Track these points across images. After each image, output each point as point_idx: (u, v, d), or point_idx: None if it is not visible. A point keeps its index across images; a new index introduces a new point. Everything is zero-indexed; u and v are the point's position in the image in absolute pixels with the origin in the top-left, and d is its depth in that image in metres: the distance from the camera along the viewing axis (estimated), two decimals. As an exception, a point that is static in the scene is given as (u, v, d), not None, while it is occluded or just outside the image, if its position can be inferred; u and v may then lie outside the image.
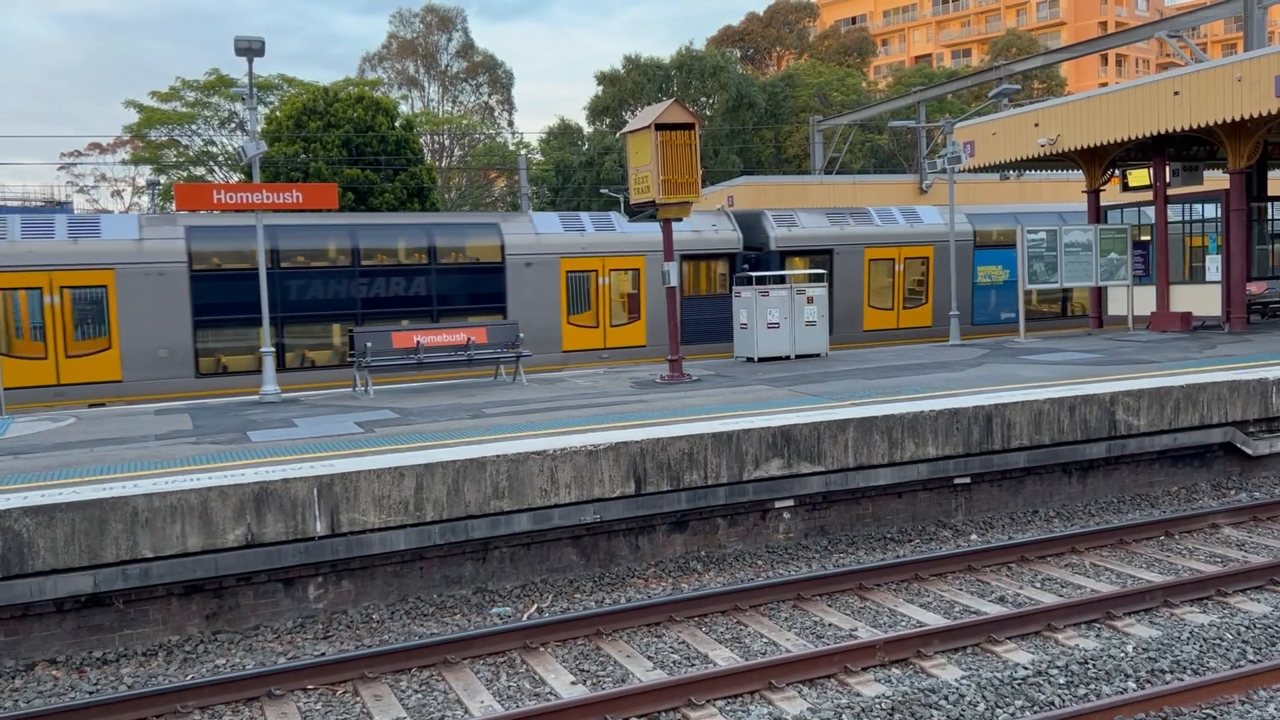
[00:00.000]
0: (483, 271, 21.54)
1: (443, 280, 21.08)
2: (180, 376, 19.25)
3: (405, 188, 38.70)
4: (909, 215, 26.27)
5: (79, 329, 18.77)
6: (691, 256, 23.66)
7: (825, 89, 63.57)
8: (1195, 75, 18.75)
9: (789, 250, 24.39)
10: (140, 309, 19.06)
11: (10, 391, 17.74)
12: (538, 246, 22.19)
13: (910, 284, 25.64)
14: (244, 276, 19.11)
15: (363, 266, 20.64)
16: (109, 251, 18.92)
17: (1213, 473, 13.85)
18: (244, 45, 15.77)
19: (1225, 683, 7.13)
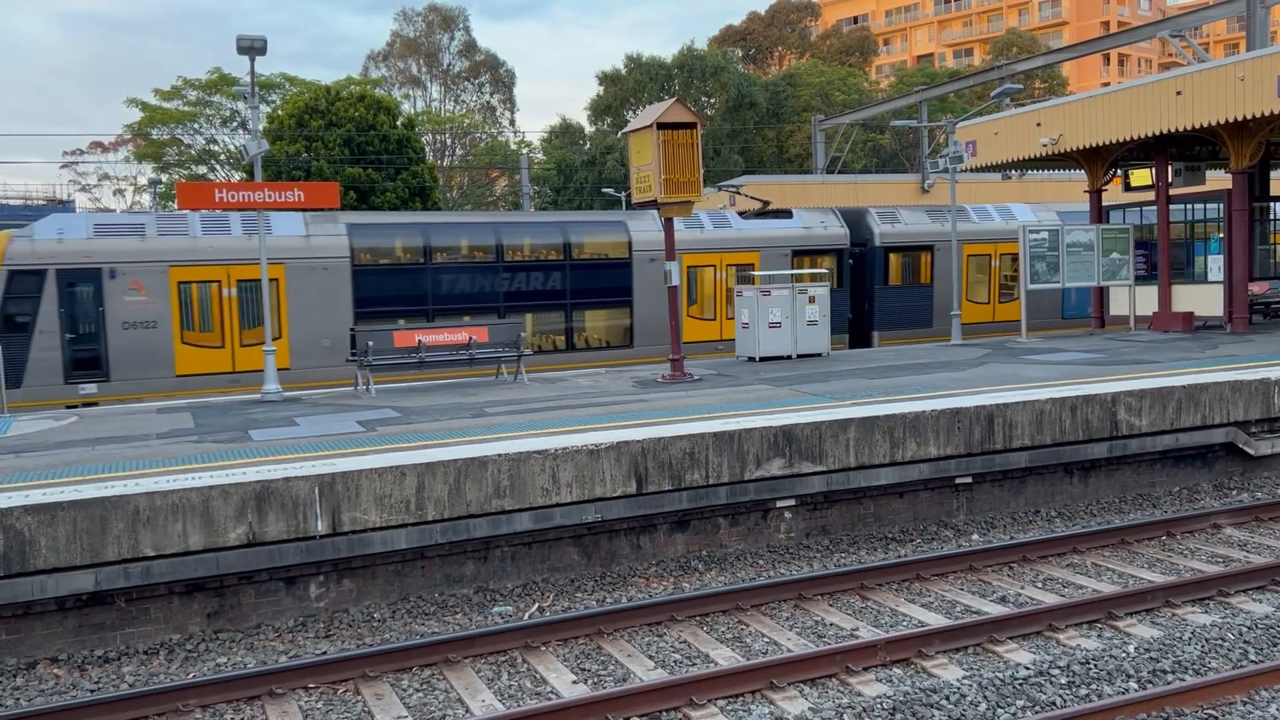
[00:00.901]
0: (611, 267, 22.55)
1: (576, 275, 22.20)
2: (340, 365, 20.19)
3: (407, 187, 38.72)
4: (1003, 213, 27.10)
5: (253, 320, 19.98)
6: (801, 252, 24.66)
7: (827, 88, 63.57)
8: (1197, 75, 18.73)
9: (891, 246, 25.37)
10: (306, 301, 20.35)
11: (190, 378, 19.38)
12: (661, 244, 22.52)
13: (1004, 279, 26.53)
14: (398, 271, 20.85)
15: (505, 262, 21.86)
16: (280, 247, 20.03)
17: (1215, 473, 13.83)
18: (246, 44, 15.77)
19: (1227, 683, 7.12)
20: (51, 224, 19.56)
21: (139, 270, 19.16)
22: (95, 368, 18.96)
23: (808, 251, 24.68)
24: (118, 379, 19.04)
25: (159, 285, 19.30)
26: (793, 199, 34.30)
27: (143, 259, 19.20)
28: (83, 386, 18.81)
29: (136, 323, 19.08)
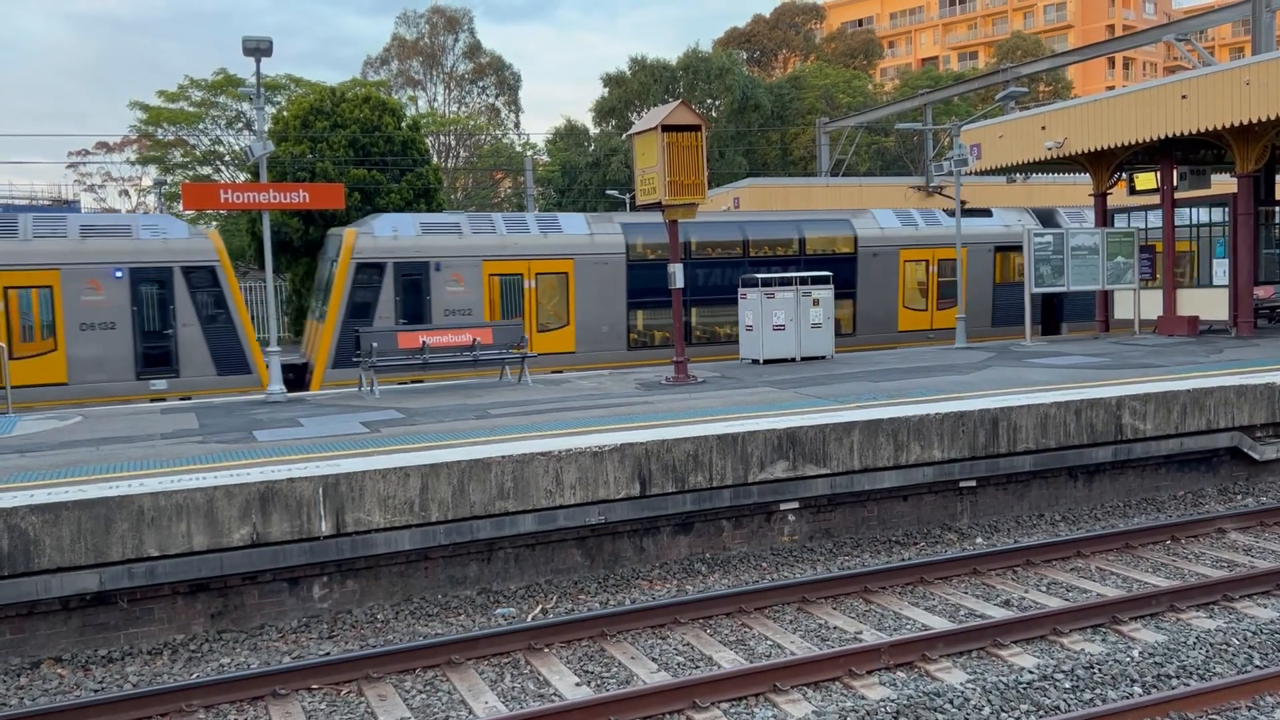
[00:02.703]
0: (840, 261, 24.39)
1: (809, 268, 23.58)
2: (615, 349, 22.72)
3: (411, 188, 38.74)
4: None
5: (550, 308, 22.46)
6: (1002, 248, 26.52)
7: (831, 91, 63.54)
8: (1203, 79, 18.71)
9: None
10: (590, 292, 22.62)
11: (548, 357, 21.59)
12: (882, 239, 25.19)
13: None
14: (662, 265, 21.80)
15: (750, 257, 24.14)
16: (568, 244, 22.46)
17: (1219, 477, 13.81)
18: (252, 45, 15.79)
19: (1232, 688, 7.11)
20: (386, 223, 21.79)
21: (458, 264, 21.53)
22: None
23: (1007, 248, 26.47)
24: None
25: (474, 277, 21.63)
26: (797, 202, 34.39)
27: (461, 254, 21.53)
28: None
29: (455, 310, 21.41)
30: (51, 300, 18.80)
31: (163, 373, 19.57)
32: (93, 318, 18.96)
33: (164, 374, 19.56)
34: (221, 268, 20.08)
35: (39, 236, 19.06)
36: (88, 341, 18.91)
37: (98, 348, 18.60)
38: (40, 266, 18.67)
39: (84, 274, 18.98)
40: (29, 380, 18.39)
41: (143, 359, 19.44)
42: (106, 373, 18.89)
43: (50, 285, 18.78)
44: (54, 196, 47.05)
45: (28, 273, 18.67)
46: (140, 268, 19.36)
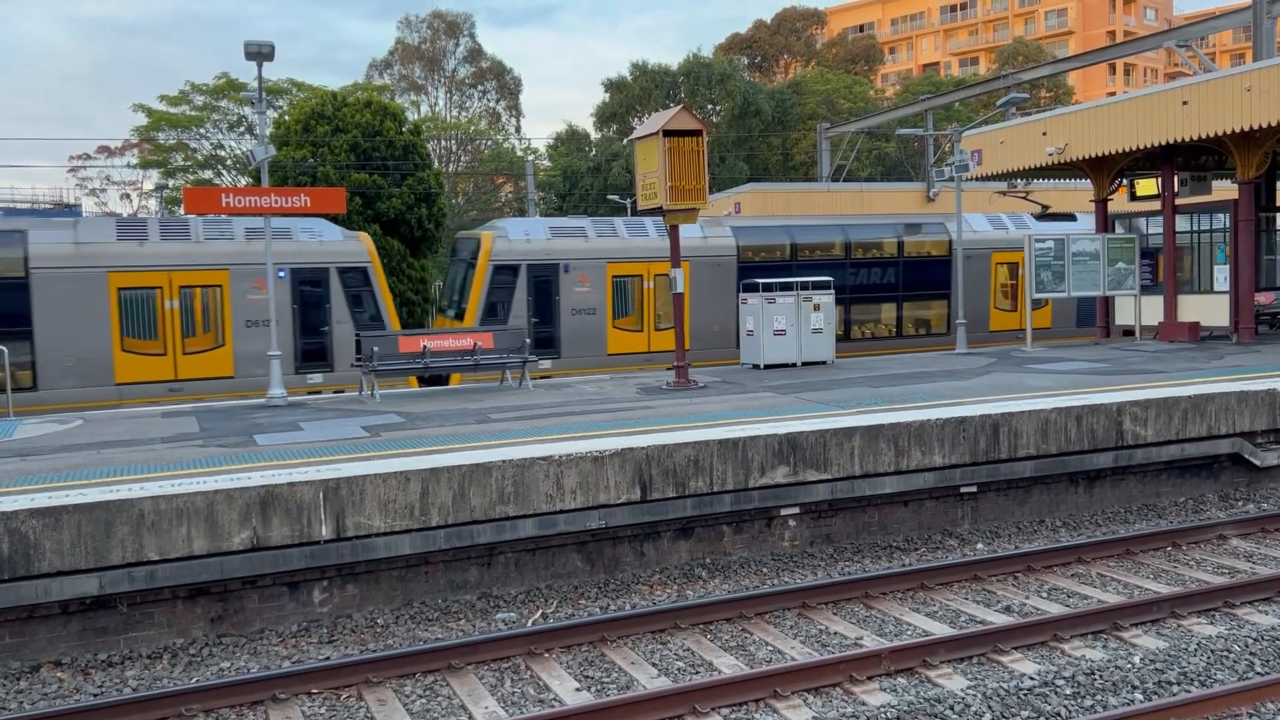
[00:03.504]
0: (935, 263, 25.39)
1: (908, 269, 25.03)
2: (725, 348, 23.49)
3: (412, 192, 38.76)
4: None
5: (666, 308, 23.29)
6: None
7: (832, 96, 63.61)
8: (1204, 85, 18.72)
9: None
10: (703, 292, 23.52)
11: (616, 356, 22.66)
12: (975, 242, 25.97)
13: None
14: (770, 266, 24.12)
15: (851, 259, 24.98)
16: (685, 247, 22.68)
17: (1220, 484, 13.80)
18: (254, 50, 15.82)
19: (1233, 695, 7.09)
20: (519, 227, 23.06)
21: (584, 265, 22.57)
22: (550, 346, 22.29)
23: None
24: (566, 355, 22.44)
25: (598, 278, 22.68)
26: (798, 207, 34.38)
27: (586, 256, 22.58)
28: (541, 363, 21.64)
29: (581, 309, 22.46)
30: (221, 298, 19.92)
31: (319, 367, 20.69)
32: (258, 315, 19.89)
33: (320, 369, 20.66)
34: (372, 268, 21.23)
35: (209, 238, 20.14)
36: (252, 337, 19.86)
37: (261, 344, 19.12)
38: (211, 266, 19.80)
39: (250, 274, 19.96)
40: (199, 374, 19.67)
41: (301, 354, 20.54)
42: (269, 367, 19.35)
43: (220, 284, 19.91)
44: (55, 200, 47.10)
45: (200, 272, 19.84)
46: (300, 268, 20.49)
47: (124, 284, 19.27)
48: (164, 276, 19.54)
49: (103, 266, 19.14)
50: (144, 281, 19.43)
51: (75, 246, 19.19)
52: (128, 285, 19.31)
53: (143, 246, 19.57)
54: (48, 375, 18.74)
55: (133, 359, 19.16)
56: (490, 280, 21.99)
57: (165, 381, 19.39)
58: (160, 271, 19.51)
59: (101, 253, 19.25)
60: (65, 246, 19.15)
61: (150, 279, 19.46)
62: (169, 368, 19.50)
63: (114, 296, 19.10)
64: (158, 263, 19.53)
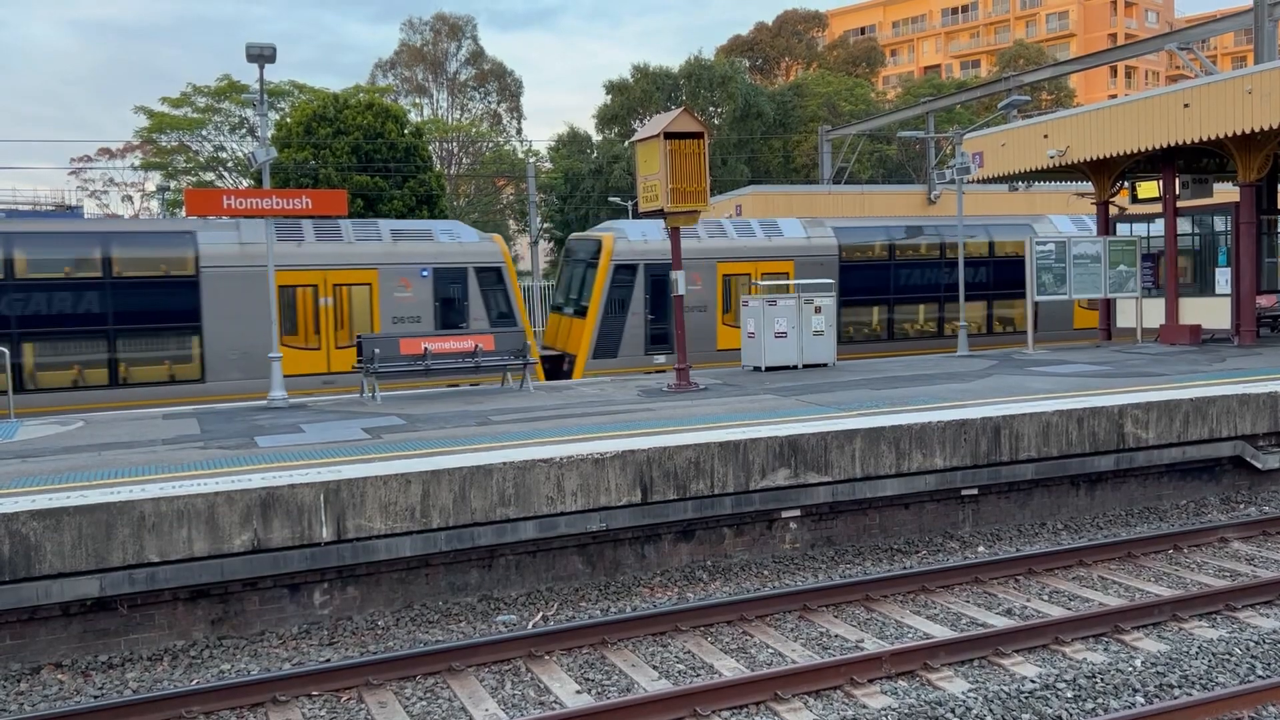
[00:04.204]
0: (1018, 264, 24.76)
1: (998, 270, 25.67)
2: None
3: (414, 194, 38.79)
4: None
5: None
6: None
7: (834, 99, 63.61)
8: (1205, 88, 18.71)
9: None
10: None
11: (725, 352, 23.19)
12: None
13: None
14: (869, 265, 24.89)
15: (946, 259, 25.49)
16: (789, 246, 24.37)
17: (1222, 486, 13.78)
18: (256, 52, 15.83)
19: (1234, 698, 7.08)
20: (636, 228, 23.74)
21: (697, 265, 22.93)
22: (664, 342, 22.98)
23: None
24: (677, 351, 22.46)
25: (709, 277, 23.40)
26: (799, 209, 34.40)
27: (699, 256, 23.04)
28: (655, 357, 22.81)
29: (693, 307, 22.73)
30: (370, 296, 20.88)
31: None
32: (402, 311, 21.04)
33: None
34: (505, 268, 22.10)
35: (359, 239, 21.18)
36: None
37: None
38: (361, 266, 20.79)
39: (397, 273, 21.11)
40: (348, 368, 20.16)
41: None
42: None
43: (369, 283, 20.90)
44: (57, 202, 47.12)
45: (351, 271, 20.83)
46: (441, 268, 21.45)
47: (284, 281, 20.03)
48: (319, 275, 20.57)
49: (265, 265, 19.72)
50: (302, 280, 20.44)
51: (240, 246, 20.08)
52: (288, 283, 20.18)
53: (300, 247, 20.56)
54: (214, 368, 19.75)
55: (291, 353, 19.90)
56: (611, 279, 22.84)
57: (319, 374, 20.43)
58: (316, 270, 20.54)
59: (264, 252, 19.58)
60: (231, 246, 20.06)
61: (307, 278, 20.49)
62: (323, 361, 20.57)
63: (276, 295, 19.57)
64: (313, 262, 20.52)
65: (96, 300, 19.05)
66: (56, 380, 19.01)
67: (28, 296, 18.69)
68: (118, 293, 19.17)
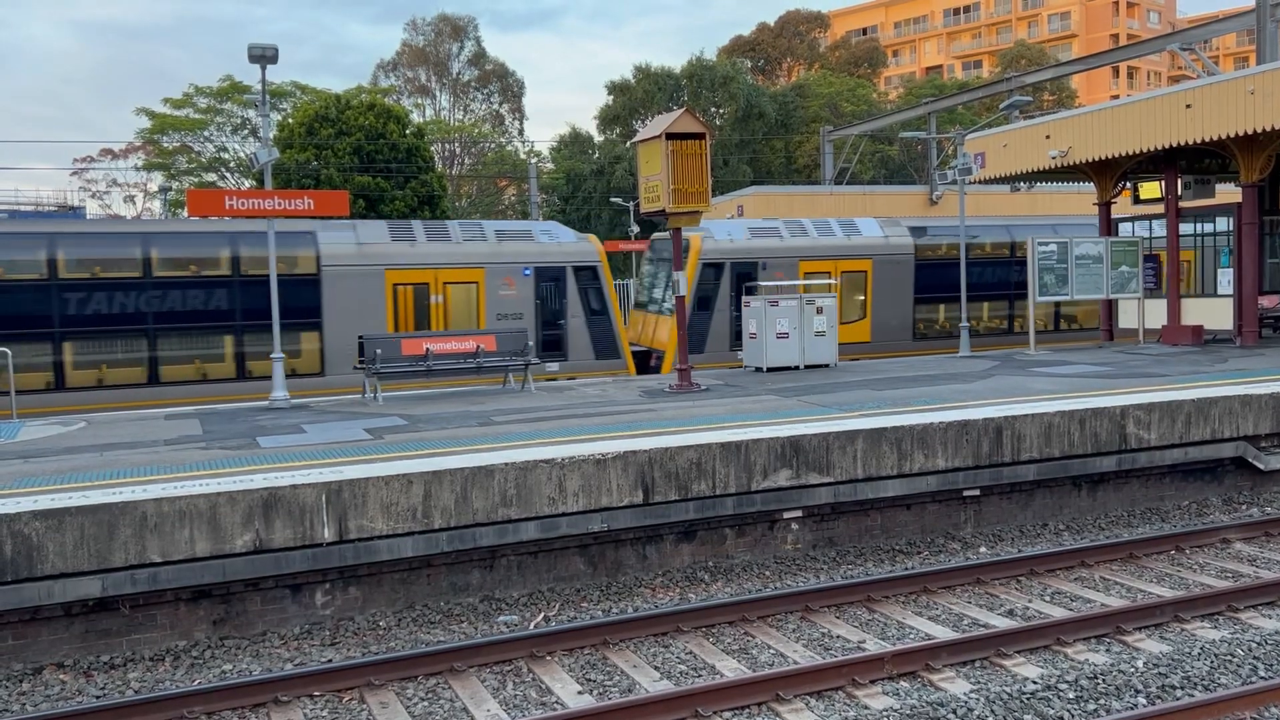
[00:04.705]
0: None
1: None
2: (904, 340, 25.33)
3: (416, 195, 38.81)
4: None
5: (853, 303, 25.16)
6: None
7: (836, 99, 63.63)
8: (1207, 88, 18.69)
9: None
10: (884, 289, 25.08)
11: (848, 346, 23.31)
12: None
13: None
14: (942, 265, 25.53)
15: (1015, 257, 26.12)
16: (867, 245, 25.21)
17: (1224, 487, 13.77)
18: (257, 52, 15.84)
19: (1236, 699, 7.08)
20: (722, 228, 24.62)
21: (779, 263, 24.14)
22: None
23: None
24: None
25: (791, 275, 24.15)
26: (801, 210, 34.41)
27: (781, 255, 24.22)
28: (739, 353, 22.26)
29: None
30: (476, 294, 21.86)
31: (555, 357, 22.31)
32: (505, 309, 22.00)
33: (556, 358, 22.31)
34: (601, 266, 22.91)
35: (466, 240, 22.09)
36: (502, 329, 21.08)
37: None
38: (469, 265, 21.70)
39: (501, 271, 22.05)
40: None
41: (541, 344, 22.13)
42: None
43: (476, 281, 21.84)
44: (59, 203, 47.17)
45: (460, 270, 21.74)
46: (542, 267, 22.36)
47: (398, 280, 21.13)
48: (431, 274, 21.46)
49: (381, 264, 21.03)
50: (415, 278, 21.36)
51: (357, 246, 21.00)
52: (401, 281, 21.20)
53: (413, 247, 21.48)
54: (333, 362, 20.63)
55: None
56: (699, 277, 23.60)
57: None
58: (428, 269, 21.41)
59: (379, 252, 21.14)
60: (349, 246, 20.95)
61: (420, 276, 21.39)
62: None
63: (389, 291, 20.96)
64: (425, 261, 21.42)
65: (225, 297, 19.91)
66: (184, 374, 19.68)
67: (163, 294, 19.50)
68: (245, 290, 19.98)
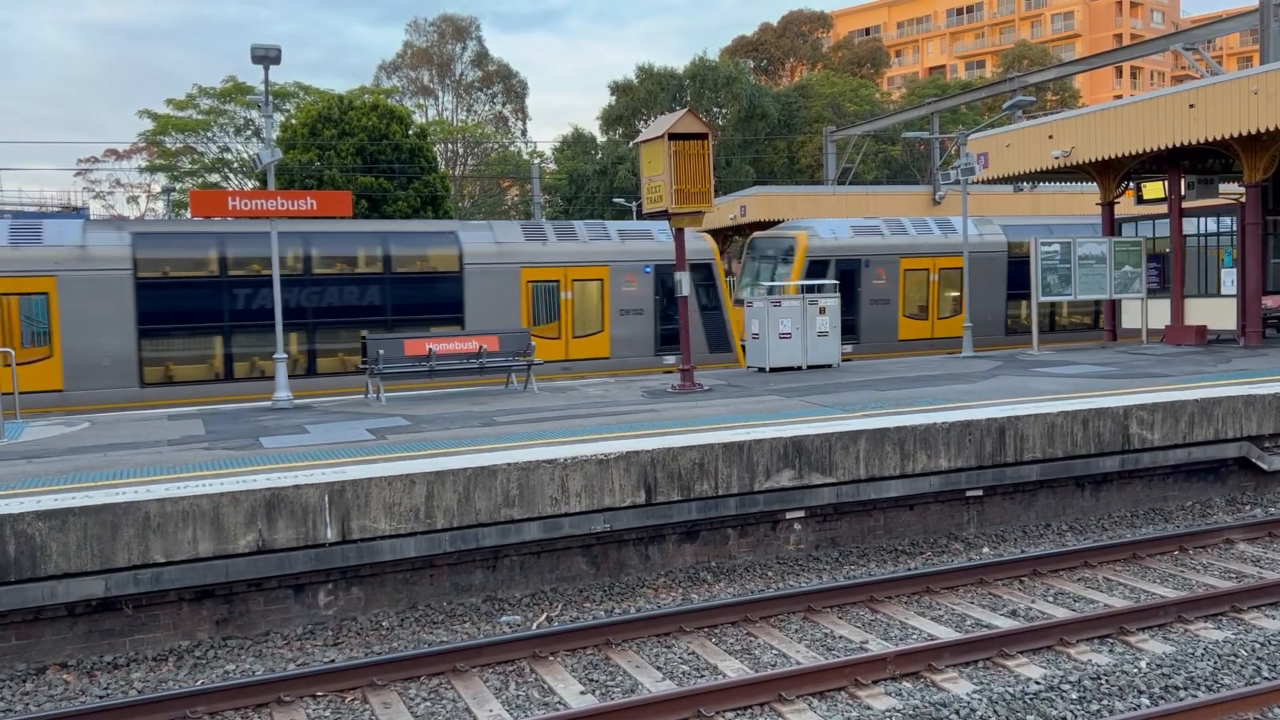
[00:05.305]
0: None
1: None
2: (996, 334, 26.27)
3: (419, 196, 38.82)
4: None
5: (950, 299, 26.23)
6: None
7: (838, 99, 63.58)
8: (1211, 88, 18.67)
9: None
10: (979, 285, 25.41)
11: (906, 342, 24.78)
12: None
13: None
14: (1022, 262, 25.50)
15: None
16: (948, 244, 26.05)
17: (1227, 488, 13.75)
18: (260, 53, 15.86)
19: (1240, 700, 7.07)
20: (826, 226, 25.68)
21: (881, 260, 25.09)
22: (851, 333, 24.60)
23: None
24: (864, 341, 25.03)
25: (892, 272, 25.13)
26: (804, 210, 34.38)
27: (883, 252, 25.08)
28: (844, 346, 23.06)
29: (877, 299, 24.98)
30: (601, 290, 22.76)
31: (673, 350, 22.53)
32: (628, 304, 22.98)
33: (674, 351, 22.45)
34: (715, 264, 23.82)
35: (592, 239, 23.07)
36: (624, 324, 22.99)
37: (630, 329, 22.76)
38: (595, 263, 22.68)
39: (624, 269, 23.01)
40: (583, 355, 22.55)
41: (660, 338, 23.15)
42: (635, 350, 22.69)
43: (601, 278, 22.78)
44: (63, 203, 47.24)
45: (587, 268, 22.72)
46: (661, 264, 23.02)
47: (532, 277, 22.19)
48: (560, 271, 22.43)
49: (517, 262, 22.10)
50: (547, 276, 22.35)
51: (496, 245, 22.05)
52: (535, 279, 22.24)
53: (545, 246, 22.47)
54: None
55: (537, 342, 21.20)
56: (806, 273, 24.46)
57: (559, 361, 22.12)
58: (559, 267, 22.38)
59: (515, 251, 22.20)
60: (488, 245, 22.00)
61: (551, 274, 22.38)
62: (562, 349, 22.36)
63: (524, 288, 22.03)
64: (556, 260, 22.37)
65: (377, 293, 21.03)
66: (336, 366, 20.71)
67: (322, 290, 20.53)
68: (395, 287, 21.16)
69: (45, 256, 18.64)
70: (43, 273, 18.54)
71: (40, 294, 18.52)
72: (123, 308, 18.95)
